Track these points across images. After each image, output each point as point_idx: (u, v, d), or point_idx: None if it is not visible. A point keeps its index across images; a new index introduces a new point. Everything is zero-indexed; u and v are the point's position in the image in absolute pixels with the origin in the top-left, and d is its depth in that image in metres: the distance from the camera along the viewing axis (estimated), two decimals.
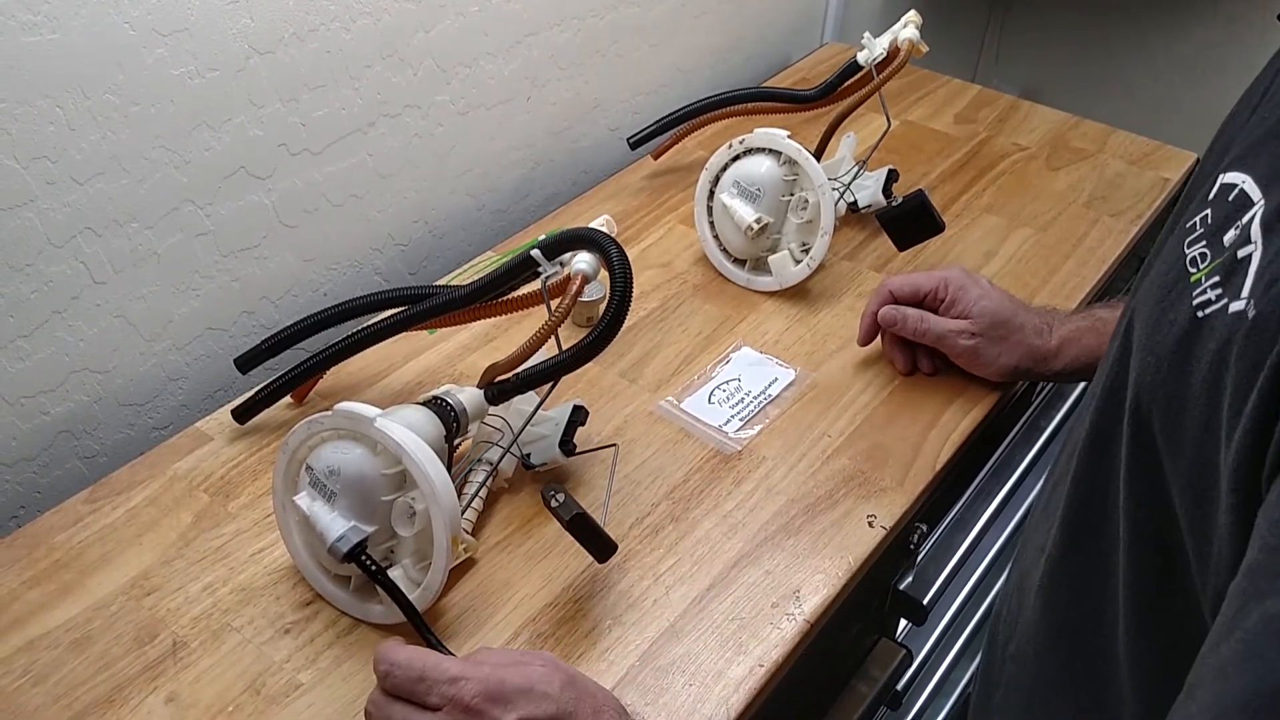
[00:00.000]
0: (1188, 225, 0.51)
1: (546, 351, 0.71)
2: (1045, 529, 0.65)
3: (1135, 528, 0.53)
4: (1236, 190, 0.48)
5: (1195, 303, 0.47)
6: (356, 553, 0.65)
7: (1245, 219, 0.46)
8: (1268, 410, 0.40)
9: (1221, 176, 0.50)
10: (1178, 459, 0.47)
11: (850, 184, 1.09)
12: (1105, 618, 0.57)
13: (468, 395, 0.76)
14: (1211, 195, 0.50)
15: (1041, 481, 1.03)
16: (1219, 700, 0.37)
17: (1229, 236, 0.46)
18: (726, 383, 0.92)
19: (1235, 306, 0.43)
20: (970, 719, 0.77)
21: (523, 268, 0.74)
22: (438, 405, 0.74)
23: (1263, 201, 0.46)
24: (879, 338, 0.94)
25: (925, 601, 0.89)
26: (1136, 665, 0.55)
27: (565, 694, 0.56)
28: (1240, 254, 0.45)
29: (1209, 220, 0.49)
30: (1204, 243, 0.49)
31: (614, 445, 0.85)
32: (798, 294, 1.03)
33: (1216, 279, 0.46)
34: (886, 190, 1.09)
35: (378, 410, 0.67)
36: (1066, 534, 0.62)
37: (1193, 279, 0.48)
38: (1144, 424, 0.50)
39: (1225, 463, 0.42)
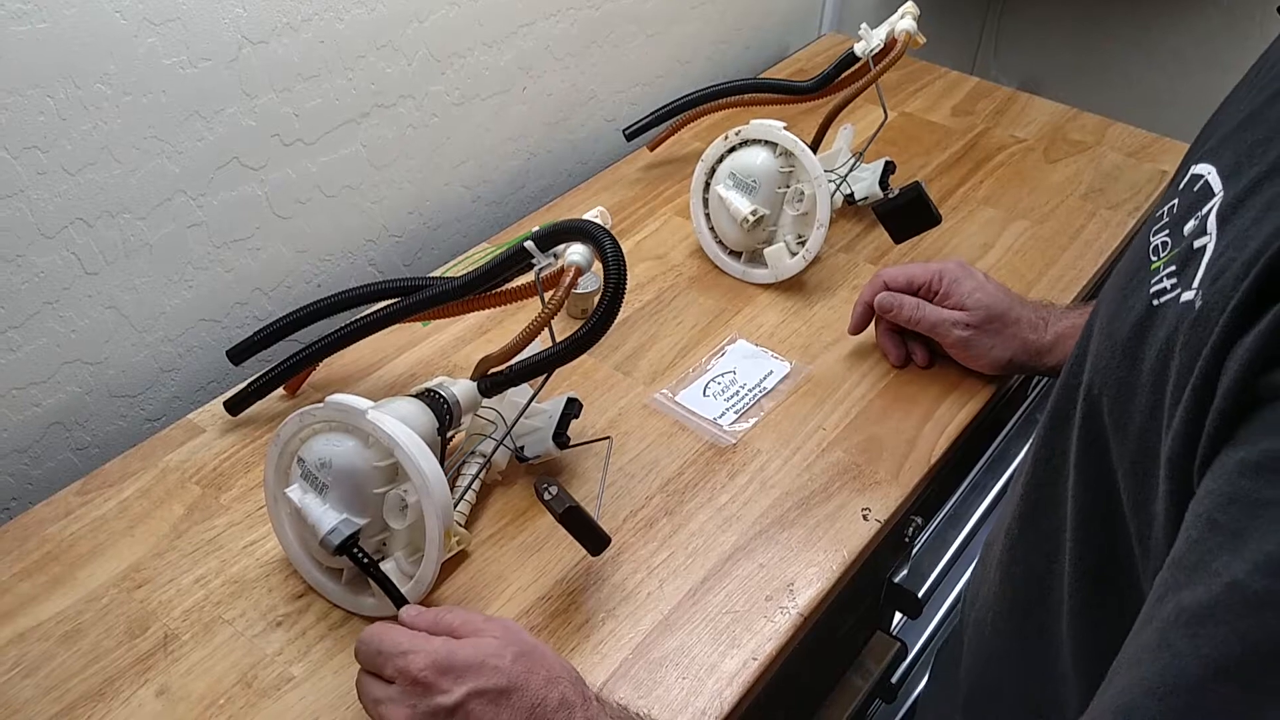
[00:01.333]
0: (1157, 214, 0.52)
1: (540, 344, 0.71)
2: (1010, 505, 0.66)
3: (1082, 510, 0.54)
4: (1202, 181, 0.48)
5: (1152, 290, 0.47)
6: (348, 545, 0.65)
7: (1205, 210, 0.46)
8: (1202, 401, 0.40)
9: (1193, 167, 0.50)
10: (1124, 444, 0.48)
11: (847, 176, 1.09)
12: (1052, 596, 0.58)
13: (461, 387, 0.76)
14: (1181, 185, 0.51)
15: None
16: (1129, 687, 0.38)
17: (1189, 227, 0.47)
18: (721, 375, 0.92)
19: (1186, 296, 0.44)
20: (932, 670, 0.78)
21: (516, 259, 0.74)
22: (431, 397, 0.74)
23: (1222, 193, 0.46)
24: (871, 327, 0.93)
25: (920, 594, 0.89)
26: (1079, 646, 0.56)
27: (516, 666, 0.57)
28: (1196, 244, 0.45)
29: (1175, 210, 0.50)
30: (1166, 232, 0.50)
31: (608, 438, 0.85)
32: (793, 286, 1.02)
33: (1173, 268, 0.46)
34: (883, 182, 1.08)
35: (370, 402, 0.67)
36: (1023, 511, 0.62)
37: (1153, 267, 0.49)
38: (1095, 408, 0.51)
39: (1163, 451, 0.43)
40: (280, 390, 0.88)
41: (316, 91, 0.93)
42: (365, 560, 0.65)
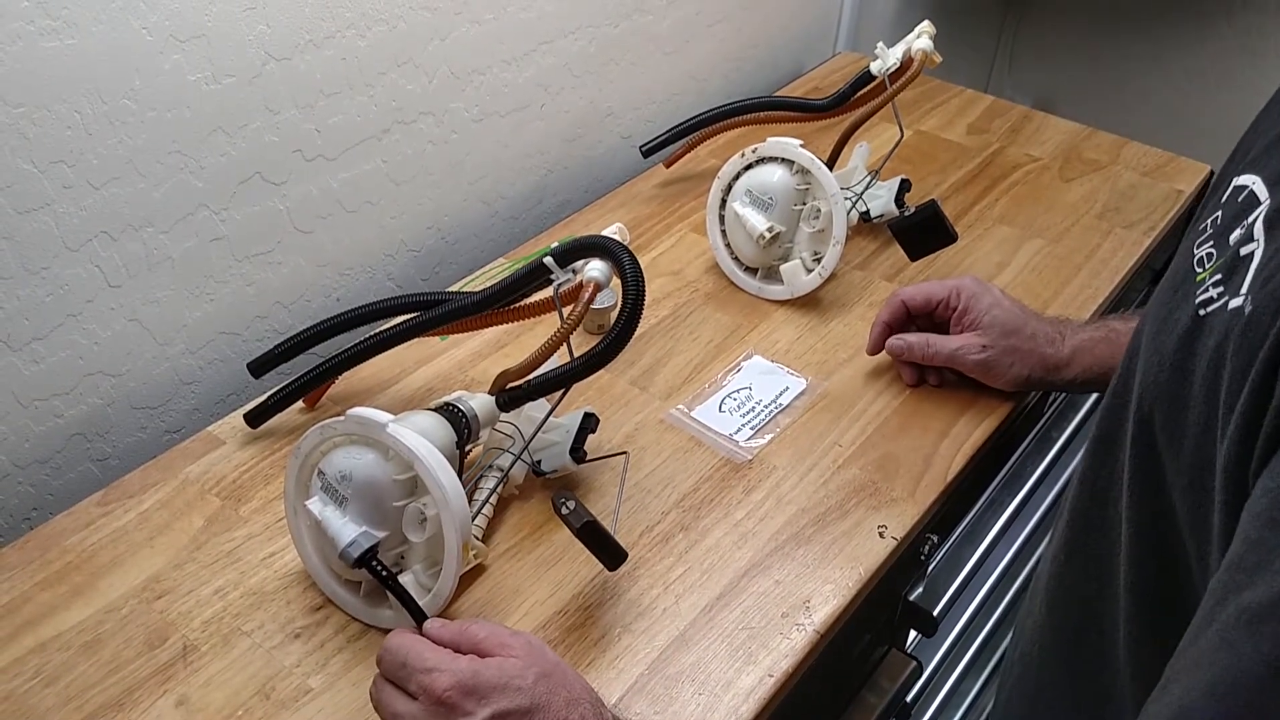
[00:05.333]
0: (1199, 227, 0.51)
1: (558, 359, 0.71)
2: (1055, 534, 0.65)
3: (1137, 531, 0.53)
4: (1247, 191, 0.48)
5: (1198, 301, 0.47)
6: (367, 558, 0.65)
7: (1251, 218, 0.46)
8: (1258, 406, 0.40)
9: (1236, 179, 0.50)
10: (1179, 459, 0.47)
11: (862, 193, 1.09)
12: (1106, 622, 0.57)
13: (479, 401, 0.76)
14: (1224, 197, 0.51)
15: (1062, 487, 1.03)
16: (1189, 690, 0.38)
17: (1234, 235, 0.47)
18: (737, 391, 0.92)
19: (1234, 303, 0.44)
20: None
21: (535, 275, 0.74)
22: (449, 411, 0.74)
23: (1269, 200, 0.46)
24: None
25: (935, 613, 0.88)
26: (1138, 671, 0.55)
27: (539, 686, 0.57)
28: (1243, 251, 0.45)
29: (1219, 221, 0.50)
30: (1211, 243, 0.49)
31: (624, 453, 0.85)
32: (809, 303, 1.03)
33: (1219, 277, 0.46)
34: (899, 200, 1.08)
35: (390, 416, 0.67)
36: (1070, 537, 0.62)
37: (1198, 279, 0.48)
38: (1146, 424, 0.50)
39: (1219, 461, 0.43)
40: (300, 403, 0.88)
41: (338, 108, 0.94)
42: (384, 573, 0.65)
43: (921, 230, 1.00)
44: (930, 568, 0.90)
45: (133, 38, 0.77)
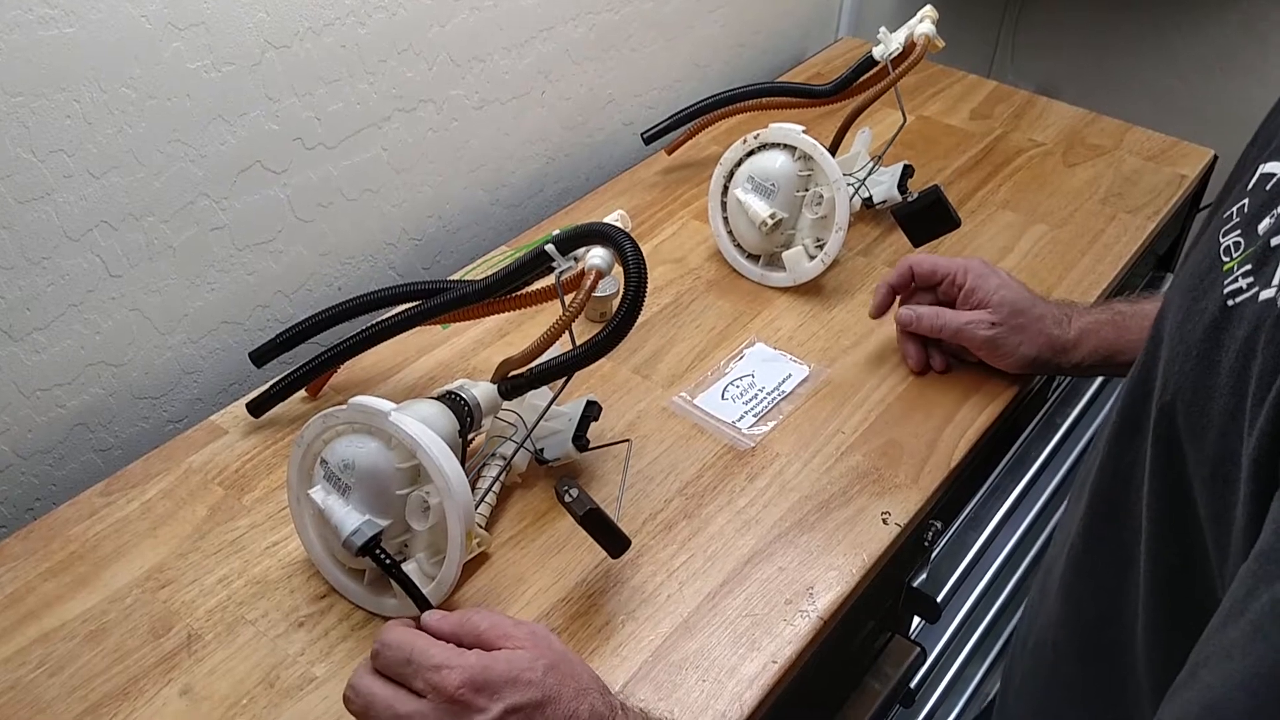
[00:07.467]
0: (1224, 215, 0.51)
1: (560, 347, 0.71)
2: (1072, 521, 0.65)
3: (1156, 520, 0.53)
4: (1275, 180, 0.47)
5: (1226, 291, 0.46)
6: (371, 546, 0.65)
7: None
8: None
9: (1261, 167, 0.50)
10: (1201, 449, 0.47)
11: (865, 179, 1.09)
12: (1125, 611, 0.57)
13: (481, 390, 0.76)
14: (1250, 185, 0.50)
15: (1066, 472, 1.03)
16: (1223, 680, 0.37)
17: (1264, 225, 0.46)
18: (740, 379, 0.92)
19: (1265, 294, 0.43)
20: (995, 716, 0.77)
21: (537, 263, 0.74)
22: (452, 400, 0.74)
23: None
24: (894, 330, 0.93)
25: (939, 599, 0.89)
26: (1155, 660, 0.55)
27: (549, 678, 0.56)
28: (1274, 242, 0.44)
29: (1245, 210, 0.49)
30: (1238, 232, 0.48)
31: (627, 441, 0.85)
32: (812, 290, 1.02)
33: (1248, 267, 0.45)
34: (902, 186, 1.08)
35: (392, 404, 0.67)
36: (1090, 525, 0.61)
37: (1225, 268, 0.48)
38: (1168, 414, 0.50)
39: (1246, 453, 0.42)
40: (302, 392, 0.88)
41: (338, 95, 0.93)
42: (388, 561, 0.65)
43: (924, 216, 1.00)
44: (934, 554, 0.90)
45: (132, 26, 0.77)
